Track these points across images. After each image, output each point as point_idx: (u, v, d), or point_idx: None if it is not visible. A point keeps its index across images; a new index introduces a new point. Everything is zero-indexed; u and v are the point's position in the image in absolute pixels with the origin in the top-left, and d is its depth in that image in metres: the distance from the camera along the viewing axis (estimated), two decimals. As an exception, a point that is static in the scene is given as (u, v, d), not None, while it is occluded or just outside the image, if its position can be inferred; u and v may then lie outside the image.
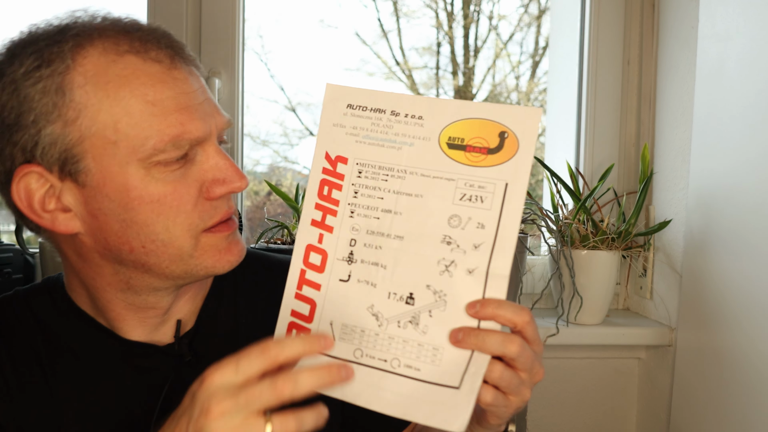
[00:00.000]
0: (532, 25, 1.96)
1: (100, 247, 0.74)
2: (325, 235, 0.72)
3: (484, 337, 0.66)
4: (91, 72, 0.69)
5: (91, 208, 0.72)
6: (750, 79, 1.16)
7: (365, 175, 0.71)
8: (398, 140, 0.70)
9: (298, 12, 1.81)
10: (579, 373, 1.55)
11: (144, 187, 0.71)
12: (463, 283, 0.67)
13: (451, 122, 0.69)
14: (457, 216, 0.68)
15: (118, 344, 0.80)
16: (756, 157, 1.14)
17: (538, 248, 1.66)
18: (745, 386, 1.16)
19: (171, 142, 0.70)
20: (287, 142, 1.85)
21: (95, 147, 0.70)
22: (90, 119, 0.69)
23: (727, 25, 1.23)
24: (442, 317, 0.68)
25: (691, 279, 1.34)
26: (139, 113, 0.70)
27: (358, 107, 0.73)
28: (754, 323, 1.15)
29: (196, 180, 0.74)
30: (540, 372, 0.70)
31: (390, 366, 0.68)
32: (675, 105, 1.45)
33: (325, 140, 0.73)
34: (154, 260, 0.74)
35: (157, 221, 0.72)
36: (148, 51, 0.72)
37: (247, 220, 1.70)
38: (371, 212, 0.71)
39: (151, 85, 0.71)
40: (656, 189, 1.53)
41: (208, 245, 0.76)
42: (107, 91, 0.69)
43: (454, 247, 0.68)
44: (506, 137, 0.67)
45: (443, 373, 0.66)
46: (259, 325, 0.85)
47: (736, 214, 1.20)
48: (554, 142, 1.76)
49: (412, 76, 1.94)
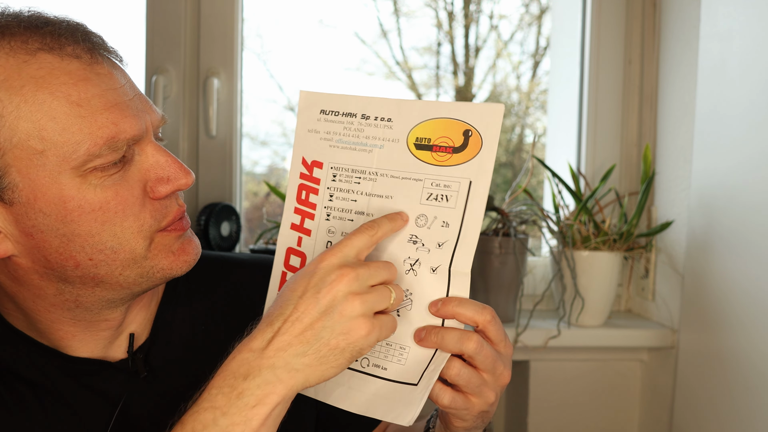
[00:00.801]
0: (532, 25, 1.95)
1: (40, 267, 0.67)
2: (303, 238, 0.74)
3: (444, 335, 0.67)
4: (1, 76, 0.62)
5: (24, 226, 0.65)
6: (752, 78, 1.15)
7: (339, 178, 0.73)
8: (369, 143, 0.72)
9: (298, 12, 1.81)
10: (580, 375, 1.54)
11: (82, 196, 0.64)
12: (428, 282, 0.69)
13: (418, 123, 0.70)
14: (424, 215, 0.69)
15: (64, 363, 0.74)
16: (758, 157, 1.13)
17: (539, 249, 1.66)
18: (748, 388, 1.15)
19: (106, 145, 0.64)
20: (286, 142, 1.85)
21: (19, 159, 0.63)
22: (9, 129, 0.62)
23: (729, 24, 1.22)
24: (408, 316, 0.69)
25: (693, 280, 1.33)
26: (65, 116, 0.63)
27: (330, 112, 0.74)
28: (758, 324, 1.14)
29: (138, 181, 0.68)
30: (505, 374, 0.69)
31: (360, 366, 0.70)
32: (677, 105, 1.44)
33: (301, 146, 0.74)
34: (105, 270, 0.68)
35: (102, 230, 0.66)
36: (63, 47, 0.64)
37: (246, 220, 1.69)
38: (345, 214, 0.72)
39: (73, 84, 0.63)
40: (658, 189, 1.52)
41: (162, 246, 0.70)
42: (23, 95, 0.62)
43: (419, 246, 0.69)
44: (470, 135, 0.68)
45: (406, 372, 0.69)
46: (218, 327, 0.82)
47: (738, 215, 1.19)
48: (555, 142, 1.75)
49: (411, 76, 1.94)
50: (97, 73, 0.66)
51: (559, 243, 1.46)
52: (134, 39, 1.51)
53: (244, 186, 1.66)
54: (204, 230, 1.42)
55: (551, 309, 1.61)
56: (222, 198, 1.54)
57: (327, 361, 0.62)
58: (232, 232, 1.49)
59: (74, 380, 0.74)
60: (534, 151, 1.46)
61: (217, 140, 1.53)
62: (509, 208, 1.47)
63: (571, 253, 1.43)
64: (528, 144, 1.91)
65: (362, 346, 0.63)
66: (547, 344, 1.44)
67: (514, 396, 1.60)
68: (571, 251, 1.43)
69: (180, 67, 1.51)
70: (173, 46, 1.50)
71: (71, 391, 0.74)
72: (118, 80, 0.67)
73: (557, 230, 1.46)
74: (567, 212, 1.49)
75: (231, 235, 1.48)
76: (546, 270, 1.62)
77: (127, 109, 0.66)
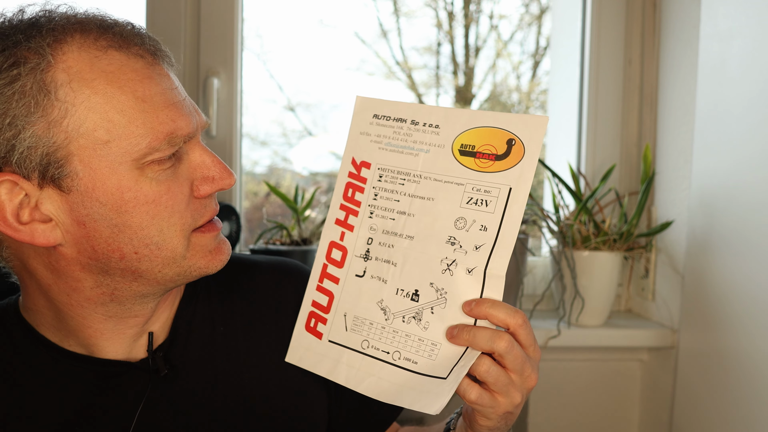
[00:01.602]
0: (532, 25, 1.95)
1: (84, 257, 0.69)
2: (346, 234, 0.78)
3: (475, 333, 0.69)
4: (74, 68, 0.65)
5: (78, 215, 0.67)
6: (752, 78, 1.15)
7: (385, 179, 0.77)
8: (416, 147, 0.76)
9: (298, 12, 1.80)
10: (580, 375, 1.54)
11: (139, 188, 0.67)
12: (463, 282, 0.71)
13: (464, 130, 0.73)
14: (463, 218, 0.72)
15: (91, 366, 0.76)
16: (759, 157, 1.13)
17: (539, 249, 1.66)
18: (748, 388, 1.15)
19: (166, 140, 0.67)
20: (286, 142, 1.85)
21: (83, 148, 0.65)
22: (78, 119, 0.65)
23: (729, 24, 1.22)
24: (442, 314, 0.72)
25: (693, 280, 1.33)
26: (131, 110, 0.66)
27: (382, 117, 0.78)
28: (758, 324, 1.14)
29: (186, 178, 0.72)
30: (532, 377, 0.71)
31: (392, 358, 0.73)
32: (677, 105, 1.44)
33: (352, 147, 0.79)
34: (147, 265, 0.70)
35: (151, 224, 0.69)
36: (130, 46, 0.69)
37: (246, 221, 1.69)
38: (388, 213, 0.76)
39: (139, 81, 0.67)
40: (658, 189, 1.52)
41: (199, 245, 0.73)
42: (94, 88, 0.65)
43: (457, 248, 0.72)
44: (513, 144, 0.71)
45: (435, 367, 0.71)
46: (236, 328, 0.84)
47: (738, 215, 1.19)
48: (555, 142, 1.75)
49: (411, 76, 1.94)
50: (159, 73, 0.70)
51: (559, 243, 1.46)
52: (134, 39, 1.51)
53: (244, 186, 1.66)
54: (204, 230, 1.42)
55: (551, 309, 1.61)
56: (222, 198, 1.54)
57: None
58: (232, 232, 1.49)
59: (100, 382, 0.76)
60: (534, 151, 1.46)
61: (217, 140, 1.53)
62: (509, 208, 1.47)
63: (571, 253, 1.43)
64: (528, 144, 1.90)
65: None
66: (547, 344, 1.44)
67: (514, 396, 1.60)
68: (571, 251, 1.43)
69: (180, 67, 1.51)
70: (173, 46, 1.50)
71: (96, 393, 0.75)
72: (173, 81, 0.72)
73: (557, 230, 1.46)
74: (567, 212, 1.49)
75: (231, 235, 1.48)
76: (546, 270, 1.62)
77: (183, 108, 0.71)
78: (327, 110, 1.88)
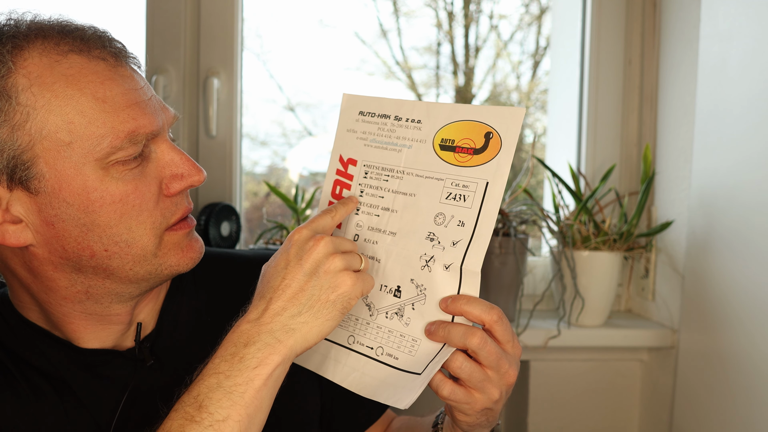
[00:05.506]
0: (532, 25, 1.95)
1: (56, 257, 0.71)
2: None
3: (450, 329, 0.70)
4: (34, 73, 0.67)
5: (47, 215, 0.69)
6: (752, 78, 1.15)
7: (370, 175, 0.77)
8: (399, 143, 0.76)
9: (298, 12, 1.80)
10: (580, 375, 1.54)
11: (104, 187, 0.69)
12: (441, 278, 0.72)
13: (445, 125, 0.73)
14: (442, 214, 0.72)
15: (76, 354, 0.77)
16: (759, 157, 1.13)
17: (539, 249, 1.66)
18: (748, 388, 1.15)
19: (127, 138, 0.69)
20: (286, 142, 1.84)
21: (47, 151, 0.67)
22: (40, 122, 0.67)
23: (729, 24, 1.22)
24: (422, 310, 0.72)
25: (693, 280, 1.33)
26: (91, 111, 0.68)
27: (368, 113, 0.78)
28: (758, 324, 1.14)
29: (155, 177, 0.73)
30: (510, 373, 0.71)
31: (375, 354, 0.74)
32: (677, 105, 1.44)
33: (340, 144, 0.80)
34: (117, 263, 0.72)
35: (119, 222, 0.70)
36: (91, 49, 0.70)
37: (246, 221, 1.69)
38: (373, 210, 0.76)
39: (100, 83, 0.69)
40: (658, 189, 1.52)
41: (171, 243, 0.75)
42: (54, 91, 0.67)
43: (436, 244, 0.72)
44: (491, 137, 0.71)
45: (414, 362, 0.72)
46: (222, 319, 0.84)
47: (738, 215, 1.19)
48: (555, 142, 1.75)
49: (411, 76, 1.93)
50: (121, 74, 0.71)
51: (559, 243, 1.46)
52: (134, 39, 1.51)
53: (244, 186, 1.66)
54: (204, 230, 1.42)
55: (551, 309, 1.61)
56: (222, 198, 1.54)
57: (321, 315, 0.67)
58: (232, 232, 1.49)
59: (85, 370, 0.77)
60: (534, 151, 1.46)
61: (217, 140, 1.53)
62: (509, 208, 1.47)
63: (571, 253, 1.43)
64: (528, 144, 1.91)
65: (350, 296, 0.68)
66: (547, 344, 1.44)
67: (514, 396, 1.60)
68: (571, 251, 1.43)
69: (180, 67, 1.51)
70: (173, 46, 1.50)
71: (83, 381, 0.77)
72: (138, 82, 0.73)
73: (557, 230, 1.46)
74: (567, 212, 1.49)
75: (231, 235, 1.48)
76: (546, 270, 1.62)
77: (146, 107, 0.71)
78: (327, 110, 1.88)
